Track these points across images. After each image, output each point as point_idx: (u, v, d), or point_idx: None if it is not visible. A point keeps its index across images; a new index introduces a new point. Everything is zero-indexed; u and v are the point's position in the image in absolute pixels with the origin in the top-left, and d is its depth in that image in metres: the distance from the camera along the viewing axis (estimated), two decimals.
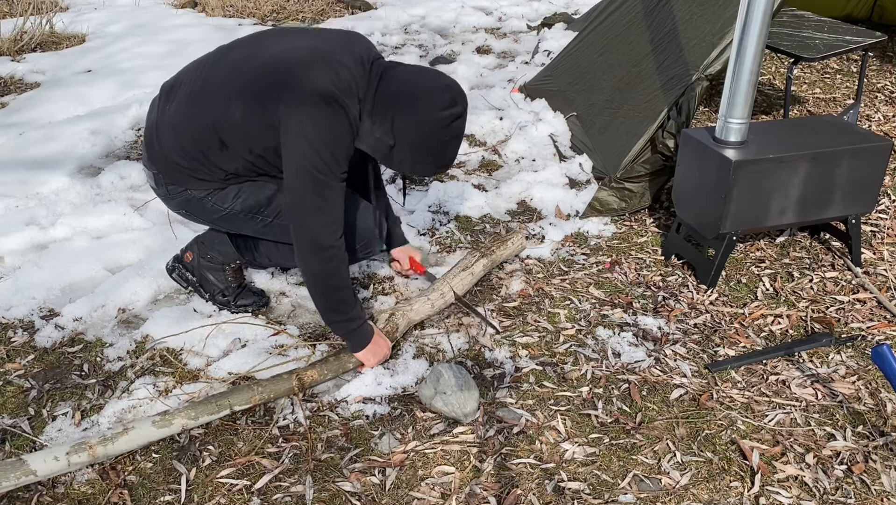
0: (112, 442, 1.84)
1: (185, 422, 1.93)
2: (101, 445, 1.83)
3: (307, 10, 5.77)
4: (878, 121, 3.86)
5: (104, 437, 1.84)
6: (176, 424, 1.92)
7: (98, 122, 3.66)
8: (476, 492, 1.82)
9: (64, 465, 1.79)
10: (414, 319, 2.34)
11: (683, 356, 2.28)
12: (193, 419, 1.94)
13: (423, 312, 2.35)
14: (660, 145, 2.90)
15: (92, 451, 1.81)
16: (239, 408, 2.00)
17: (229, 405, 1.99)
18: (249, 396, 2.01)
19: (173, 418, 1.92)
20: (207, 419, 1.97)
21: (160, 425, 1.90)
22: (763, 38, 2.31)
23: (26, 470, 1.76)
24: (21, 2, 5.50)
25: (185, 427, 1.94)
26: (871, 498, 1.82)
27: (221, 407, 1.98)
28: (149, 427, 1.89)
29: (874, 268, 2.70)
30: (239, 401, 2.00)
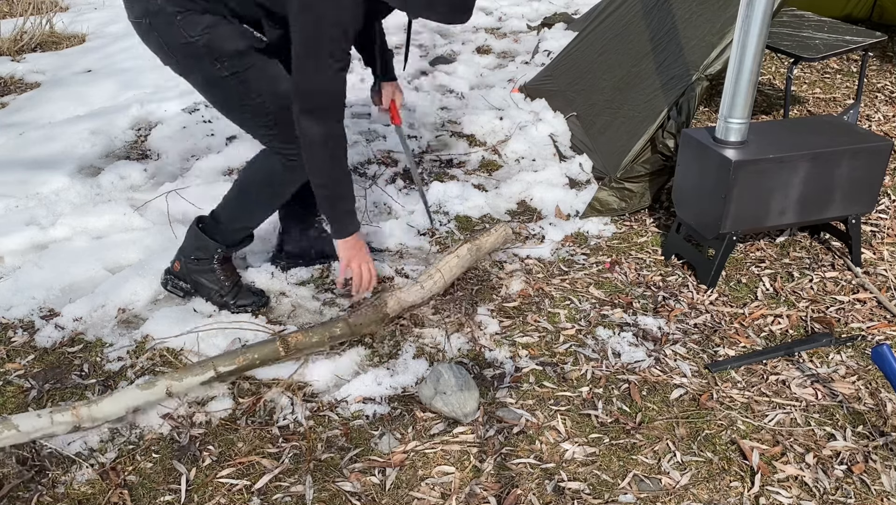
0: (96, 404, 1.85)
1: (170, 383, 1.94)
2: (86, 406, 1.84)
3: None
4: (878, 121, 3.86)
5: (88, 400, 1.86)
6: (160, 386, 1.94)
7: (98, 122, 3.66)
8: (476, 492, 1.82)
9: (47, 422, 1.80)
10: (405, 301, 2.33)
11: (683, 356, 2.28)
12: (178, 380, 1.96)
13: (413, 294, 2.35)
14: (660, 145, 2.90)
15: (76, 411, 1.83)
16: (223, 370, 2.01)
17: (213, 366, 2.00)
18: (233, 358, 2.03)
19: (157, 381, 1.94)
20: (192, 381, 1.98)
21: (144, 388, 1.91)
22: (763, 38, 2.31)
23: (9, 425, 1.78)
24: (21, 2, 5.50)
25: (170, 389, 1.95)
26: (871, 498, 1.82)
27: (205, 368, 1.99)
28: (133, 390, 1.91)
29: (874, 268, 2.70)
30: (223, 363, 2.01)
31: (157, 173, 3.31)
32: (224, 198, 2.36)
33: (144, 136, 3.64)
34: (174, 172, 3.30)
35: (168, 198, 2.96)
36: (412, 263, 2.70)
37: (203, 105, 3.91)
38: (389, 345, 2.30)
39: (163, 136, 3.57)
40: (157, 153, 3.48)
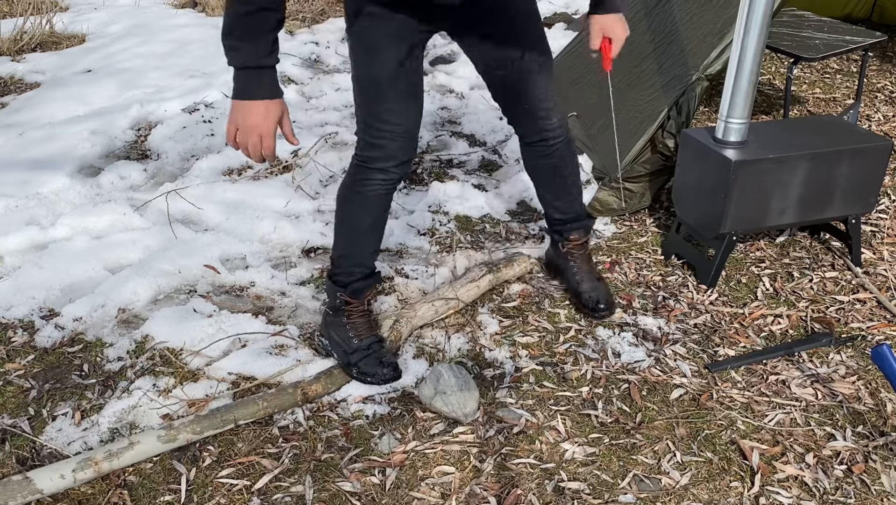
0: (118, 458, 1.85)
1: (190, 436, 1.94)
2: (107, 460, 1.84)
3: (307, 10, 5.77)
4: (878, 121, 3.86)
5: (109, 452, 1.85)
6: (181, 438, 1.93)
7: (98, 122, 3.66)
8: (476, 492, 1.82)
9: (70, 482, 1.80)
10: (417, 326, 2.34)
11: (683, 356, 2.28)
12: (198, 434, 1.95)
13: (426, 317, 2.36)
14: (660, 145, 2.90)
15: (97, 466, 1.83)
16: (243, 422, 2.01)
17: (234, 420, 1.99)
18: (254, 410, 2.02)
19: (178, 433, 1.93)
20: (212, 433, 1.97)
21: (165, 440, 1.91)
22: (763, 38, 2.31)
23: (33, 490, 1.77)
24: (21, 2, 5.50)
25: (190, 441, 1.95)
26: (871, 498, 1.82)
27: (226, 422, 1.99)
28: (154, 441, 1.90)
29: (874, 268, 2.70)
30: (244, 415, 2.00)
31: (157, 173, 3.31)
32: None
33: (144, 136, 3.64)
34: (174, 172, 3.31)
35: (168, 198, 2.96)
36: (412, 262, 2.70)
37: (203, 105, 3.91)
38: None
39: (163, 136, 3.57)
40: (157, 153, 3.48)
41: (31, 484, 1.76)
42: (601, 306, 2.38)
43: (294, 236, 2.82)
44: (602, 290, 2.41)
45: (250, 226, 2.84)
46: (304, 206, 3.00)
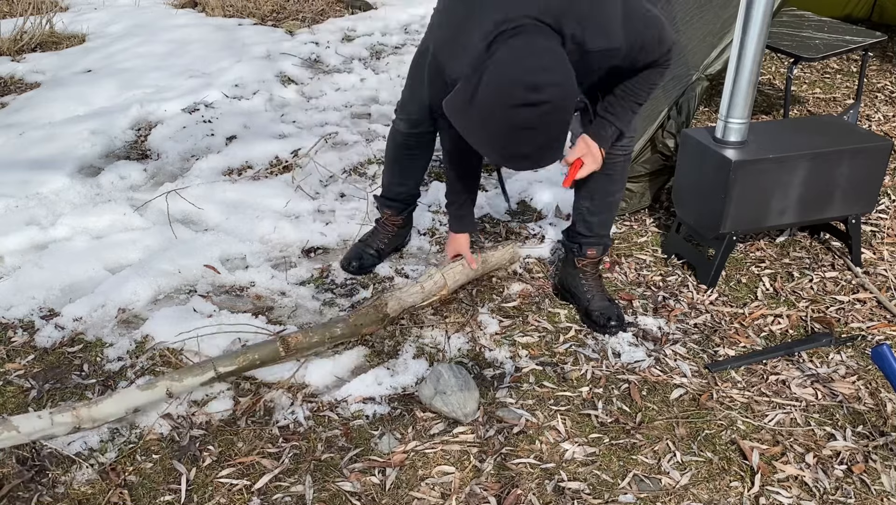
0: (96, 405, 1.84)
1: (170, 384, 1.93)
2: (86, 407, 1.83)
3: (307, 10, 5.77)
4: (878, 121, 3.86)
5: (89, 401, 1.84)
6: (160, 387, 1.93)
7: (98, 122, 3.66)
8: (476, 492, 1.82)
9: (47, 423, 1.80)
10: (405, 302, 2.33)
11: (683, 356, 2.28)
12: (178, 381, 1.95)
13: (413, 295, 2.35)
14: (660, 145, 2.90)
15: (76, 412, 1.82)
16: (224, 370, 2.00)
17: (213, 367, 1.98)
18: (233, 358, 2.01)
19: (157, 382, 1.93)
20: (192, 382, 1.97)
21: (145, 389, 1.90)
22: (763, 38, 2.31)
23: (9, 426, 1.77)
24: (21, 2, 5.50)
25: (170, 389, 1.94)
26: (871, 498, 1.82)
27: (205, 369, 1.98)
28: (133, 391, 1.91)
29: (874, 268, 2.70)
30: (223, 363, 2.00)
31: (157, 173, 3.31)
32: None
33: (144, 136, 3.64)
34: (174, 172, 3.31)
35: (168, 198, 2.96)
36: (412, 262, 2.70)
37: (203, 105, 3.91)
38: (389, 345, 2.30)
39: (163, 136, 3.57)
40: (157, 153, 3.48)
41: (7, 422, 1.77)
42: (612, 323, 2.35)
43: (294, 236, 2.82)
44: (613, 309, 2.38)
45: (250, 226, 2.84)
46: (304, 206, 3.00)
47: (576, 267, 2.45)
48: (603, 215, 2.39)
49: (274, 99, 4.06)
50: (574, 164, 2.15)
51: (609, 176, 2.29)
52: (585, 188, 2.36)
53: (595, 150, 2.12)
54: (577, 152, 2.13)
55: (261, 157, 3.39)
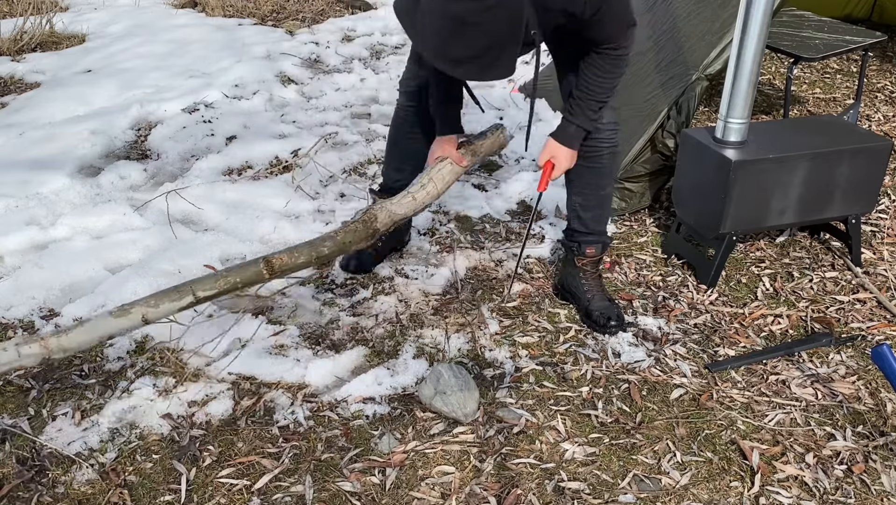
0: (66, 334, 1.71)
1: (146, 310, 1.78)
2: (55, 337, 1.70)
3: (307, 10, 5.77)
4: (878, 121, 3.86)
5: (57, 330, 1.72)
6: (135, 313, 1.77)
7: (98, 122, 3.66)
8: (476, 492, 1.82)
9: (13, 356, 1.68)
10: (396, 213, 2.17)
11: (683, 356, 2.28)
12: (153, 307, 1.80)
13: (405, 205, 2.19)
14: (660, 145, 2.90)
15: (45, 342, 1.68)
16: (203, 294, 1.84)
17: (192, 291, 1.82)
18: (213, 282, 1.85)
19: (132, 308, 1.78)
20: (169, 307, 1.81)
21: (118, 315, 1.76)
22: (763, 38, 2.31)
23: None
24: (21, 2, 5.50)
25: (145, 316, 1.79)
26: (871, 498, 1.82)
27: (183, 294, 1.82)
28: (106, 318, 1.76)
29: (874, 268, 2.70)
30: (202, 287, 1.84)
31: (157, 173, 3.31)
32: None
33: (144, 136, 3.64)
34: (174, 172, 3.30)
35: (168, 198, 2.96)
36: (412, 262, 2.70)
37: (203, 105, 3.91)
38: (389, 345, 2.30)
39: (163, 136, 3.57)
40: (157, 153, 3.48)
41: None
42: (612, 323, 2.35)
43: (294, 236, 2.82)
44: (613, 309, 2.39)
45: (250, 226, 2.84)
46: (304, 206, 3.00)
47: (576, 266, 2.45)
48: (596, 210, 2.40)
49: (274, 99, 4.06)
50: (545, 167, 2.25)
51: (596, 169, 2.31)
52: (575, 185, 2.39)
53: (562, 151, 2.22)
54: (546, 154, 2.24)
55: (261, 157, 3.39)
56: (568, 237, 2.48)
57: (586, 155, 2.29)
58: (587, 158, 2.29)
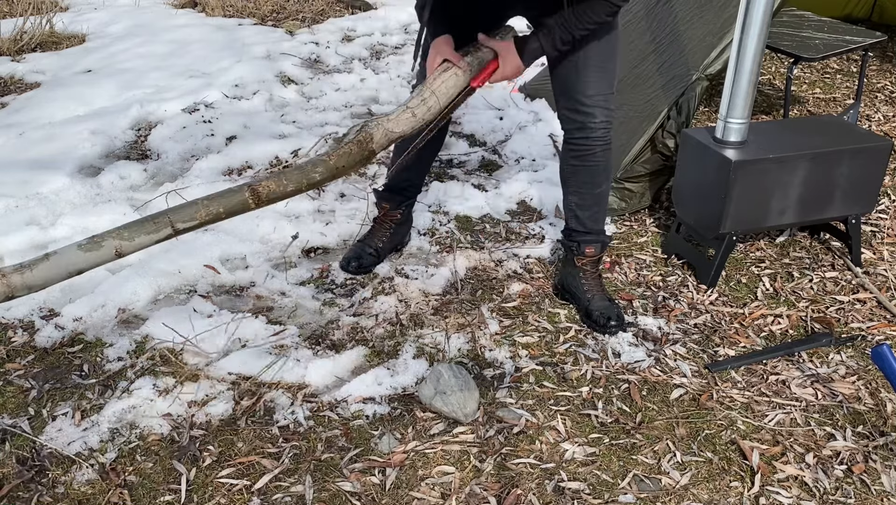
0: (30, 269, 1.56)
1: (119, 243, 1.63)
2: (18, 273, 1.55)
3: (307, 10, 5.77)
4: (878, 121, 3.86)
5: (21, 264, 1.56)
6: (107, 246, 1.62)
7: (98, 122, 3.66)
8: (476, 492, 1.82)
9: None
10: (394, 132, 1.95)
11: (683, 356, 2.28)
12: (128, 240, 1.64)
13: (403, 122, 1.97)
14: (660, 145, 2.90)
15: (6, 279, 1.54)
16: (182, 226, 1.68)
17: (170, 223, 1.67)
18: (194, 211, 1.70)
19: (103, 241, 1.63)
20: (145, 240, 1.66)
21: (88, 249, 1.61)
22: (763, 38, 2.31)
23: None
24: (21, 2, 5.50)
25: (119, 250, 1.64)
26: (871, 498, 1.82)
27: (161, 225, 1.66)
28: (74, 252, 1.61)
29: (874, 268, 2.70)
30: (181, 217, 1.68)
31: (157, 173, 3.31)
32: None
33: (144, 136, 3.64)
34: (174, 172, 3.30)
35: (168, 198, 2.96)
36: (412, 263, 2.70)
37: (203, 105, 3.91)
38: (389, 345, 2.30)
39: (163, 136, 3.57)
40: (157, 153, 3.48)
41: None
42: (612, 323, 2.35)
43: None
44: (614, 309, 2.38)
45: (250, 226, 2.84)
46: (304, 207, 3.00)
47: (575, 266, 2.45)
48: (593, 209, 2.40)
49: (274, 99, 4.06)
50: (489, 65, 2.13)
51: (590, 168, 2.31)
52: (571, 184, 2.39)
53: (513, 57, 2.12)
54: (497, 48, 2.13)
55: (261, 157, 3.39)
56: (567, 237, 2.48)
57: (580, 153, 2.29)
58: (581, 157, 2.30)
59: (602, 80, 2.20)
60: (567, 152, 2.34)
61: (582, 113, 2.23)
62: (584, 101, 2.21)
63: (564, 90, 2.24)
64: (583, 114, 2.23)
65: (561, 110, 2.30)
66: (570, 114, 2.26)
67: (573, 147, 2.30)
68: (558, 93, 2.28)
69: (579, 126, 2.25)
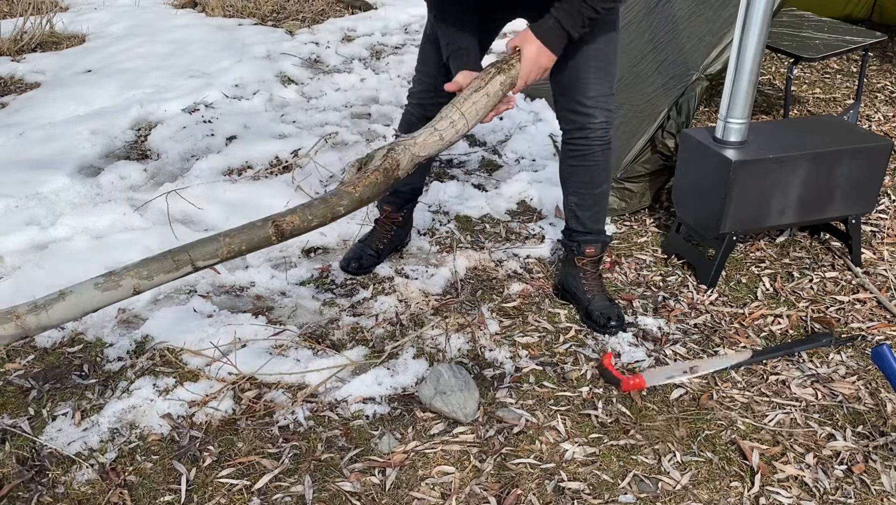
0: (45, 310, 1.52)
1: (137, 283, 1.59)
2: (33, 313, 1.52)
3: (307, 10, 5.77)
4: (878, 121, 3.86)
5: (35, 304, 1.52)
6: (125, 285, 1.58)
7: (98, 122, 3.66)
8: (476, 492, 1.82)
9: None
10: (420, 156, 1.88)
11: (683, 356, 2.28)
12: (146, 279, 1.60)
13: (430, 146, 1.90)
14: (660, 145, 2.90)
15: (20, 320, 1.51)
16: (203, 264, 1.64)
17: (190, 261, 1.63)
18: (215, 248, 1.65)
19: (121, 279, 1.58)
20: (164, 279, 1.62)
21: (105, 288, 1.56)
22: (763, 38, 2.31)
23: None
24: (21, 2, 5.50)
25: (137, 288, 1.60)
26: (871, 498, 1.82)
27: (181, 264, 1.62)
28: (91, 290, 1.56)
29: (874, 268, 2.70)
30: (202, 255, 1.64)
31: (157, 173, 3.31)
32: None
33: (144, 136, 3.64)
34: (174, 172, 3.31)
35: (168, 198, 2.96)
36: (412, 263, 2.70)
37: (203, 105, 3.91)
38: (389, 345, 2.30)
39: (163, 136, 3.57)
40: (157, 153, 3.48)
41: None
42: (612, 324, 2.35)
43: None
44: (614, 309, 2.38)
45: None
46: None
47: (576, 266, 2.45)
48: (593, 209, 2.40)
49: (274, 99, 4.06)
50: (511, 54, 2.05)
51: (589, 167, 2.31)
52: (570, 184, 2.39)
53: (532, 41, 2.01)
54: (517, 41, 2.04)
55: (261, 157, 3.39)
56: (567, 237, 2.48)
57: (579, 154, 2.29)
58: (580, 157, 2.30)
59: (602, 81, 2.20)
60: (566, 153, 2.34)
61: (582, 114, 2.23)
62: (584, 101, 2.21)
63: (564, 91, 2.24)
64: (583, 115, 2.23)
65: (560, 111, 2.30)
66: (569, 114, 2.26)
67: (572, 147, 2.30)
68: (558, 93, 2.27)
69: (579, 126, 2.25)
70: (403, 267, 2.66)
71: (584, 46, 2.14)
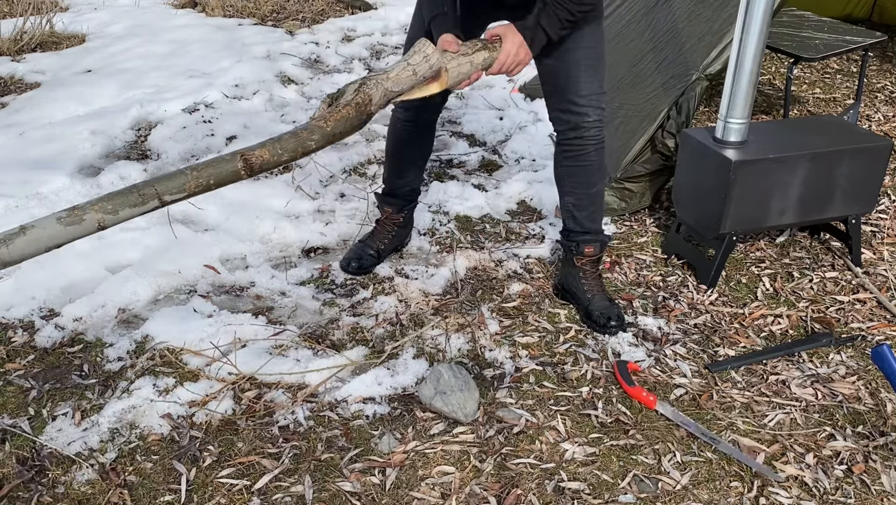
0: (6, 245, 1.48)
1: (101, 217, 1.55)
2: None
3: (307, 10, 5.77)
4: (878, 121, 3.86)
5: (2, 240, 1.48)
6: (88, 220, 1.54)
7: (98, 122, 3.66)
8: (476, 492, 1.82)
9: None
10: (393, 91, 1.82)
11: (683, 356, 2.28)
12: (111, 214, 1.55)
13: (403, 81, 1.83)
14: (659, 145, 2.90)
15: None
16: (170, 198, 1.59)
17: (157, 195, 1.58)
18: (182, 182, 1.59)
19: (85, 213, 1.54)
20: (129, 214, 1.58)
21: (68, 222, 1.52)
22: (763, 38, 2.31)
23: None
24: (21, 2, 5.50)
25: (102, 224, 1.57)
26: (871, 498, 1.82)
27: (147, 198, 1.57)
28: (53, 225, 1.51)
29: (874, 268, 2.70)
30: (169, 189, 1.58)
31: (157, 173, 3.30)
32: None
33: (144, 136, 3.64)
34: None
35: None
36: (412, 263, 2.70)
37: (203, 105, 3.91)
38: (389, 345, 2.30)
39: (163, 136, 3.57)
40: (157, 153, 3.48)
41: None
42: (612, 324, 2.34)
43: (294, 236, 2.82)
44: (614, 309, 2.38)
45: (250, 226, 2.85)
46: (304, 206, 3.00)
47: (575, 266, 2.45)
48: (590, 209, 2.40)
49: (274, 99, 4.06)
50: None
51: (584, 167, 2.32)
52: (566, 184, 2.40)
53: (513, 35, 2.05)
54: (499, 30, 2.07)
55: None
56: (565, 237, 2.48)
57: (574, 153, 2.30)
58: (575, 157, 2.31)
59: (593, 80, 2.22)
60: (561, 153, 2.35)
61: (575, 113, 2.24)
62: (577, 101, 2.22)
63: (556, 91, 2.25)
64: (576, 114, 2.24)
65: (553, 112, 2.30)
66: (562, 115, 2.27)
67: (567, 147, 2.30)
68: (549, 94, 2.28)
69: (573, 126, 2.26)
70: (403, 267, 2.66)
71: (574, 46, 2.16)
